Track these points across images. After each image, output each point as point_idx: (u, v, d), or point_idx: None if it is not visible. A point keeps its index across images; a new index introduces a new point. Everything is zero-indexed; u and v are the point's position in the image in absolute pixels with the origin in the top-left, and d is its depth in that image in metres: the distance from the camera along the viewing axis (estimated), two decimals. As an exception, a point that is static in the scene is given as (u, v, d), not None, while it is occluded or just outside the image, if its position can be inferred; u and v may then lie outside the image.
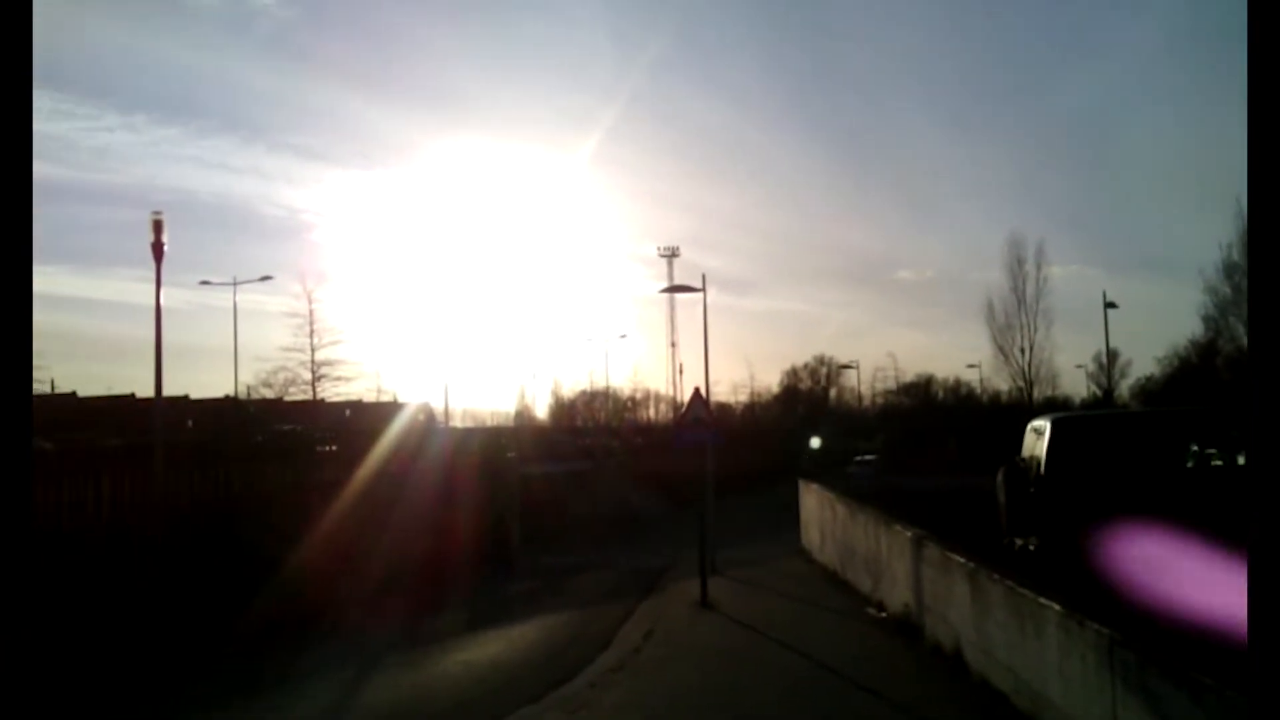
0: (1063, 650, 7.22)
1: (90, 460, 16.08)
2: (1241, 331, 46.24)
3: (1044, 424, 13.49)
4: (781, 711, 8.76)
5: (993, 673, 8.91)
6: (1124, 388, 61.54)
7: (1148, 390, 53.96)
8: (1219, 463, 13.45)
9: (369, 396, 41.38)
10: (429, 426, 45.87)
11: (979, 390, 65.96)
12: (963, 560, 9.96)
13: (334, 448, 25.10)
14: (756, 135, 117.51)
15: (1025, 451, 13.86)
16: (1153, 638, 6.22)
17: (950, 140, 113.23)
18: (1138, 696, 5.96)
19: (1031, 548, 12.77)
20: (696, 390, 15.80)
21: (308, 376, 26.87)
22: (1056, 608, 7.40)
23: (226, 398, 28.23)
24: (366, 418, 34.49)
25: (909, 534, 12.06)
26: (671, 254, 77.91)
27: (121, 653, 11.86)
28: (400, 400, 41.51)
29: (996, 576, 8.92)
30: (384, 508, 18.49)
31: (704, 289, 17.20)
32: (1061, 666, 7.23)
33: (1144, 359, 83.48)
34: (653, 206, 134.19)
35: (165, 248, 14.20)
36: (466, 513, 21.36)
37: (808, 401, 75.96)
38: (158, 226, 14.08)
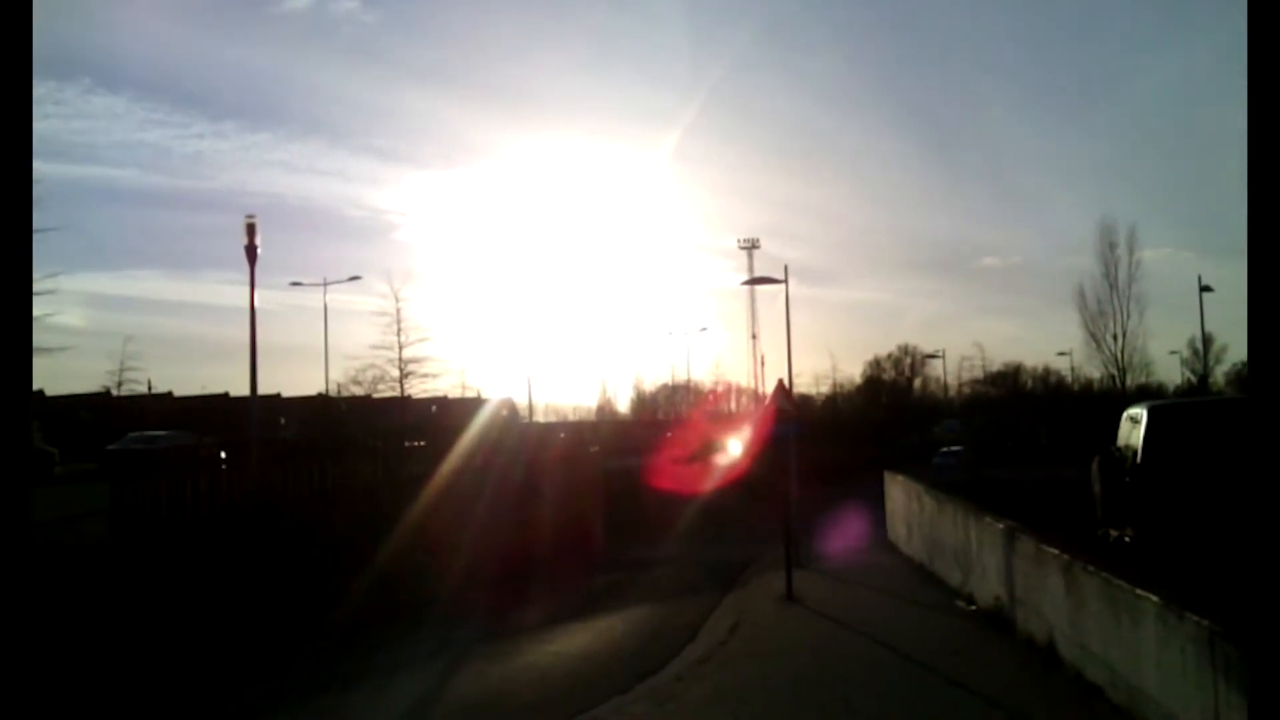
0: (1161, 643, 7.04)
1: (188, 457, 16.66)
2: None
3: (1140, 412, 13.12)
4: (873, 706, 8.68)
5: (1088, 666, 8.73)
6: (1218, 374, 59.58)
7: (1244, 376, 52.04)
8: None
9: (454, 393, 42.09)
10: (512, 421, 46.44)
11: (1069, 378, 64.34)
12: (1057, 552, 9.76)
13: (422, 443, 25.57)
14: (837, 126, 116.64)
15: (1121, 440, 13.50)
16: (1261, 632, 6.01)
17: (1036, 125, 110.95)
18: (1242, 694, 5.78)
19: (1127, 539, 12.45)
20: (780, 381, 15.72)
21: (395, 374, 27.45)
22: (1154, 599, 7.22)
23: (319, 396, 28.92)
24: (452, 414, 35.06)
25: (1001, 526, 11.85)
26: (752, 245, 77.48)
27: (218, 645, 12.25)
28: (484, 396, 42.04)
29: (1092, 568, 8.73)
30: (469, 501, 18.79)
31: (786, 280, 17.11)
32: (1160, 660, 7.05)
33: (1240, 344, 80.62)
34: (733, 200, 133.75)
35: (259, 250, 14.62)
36: (550, 506, 21.58)
37: (891, 392, 74.82)
38: (251, 230, 14.51)
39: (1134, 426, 13.00)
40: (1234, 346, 67.50)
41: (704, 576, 18.23)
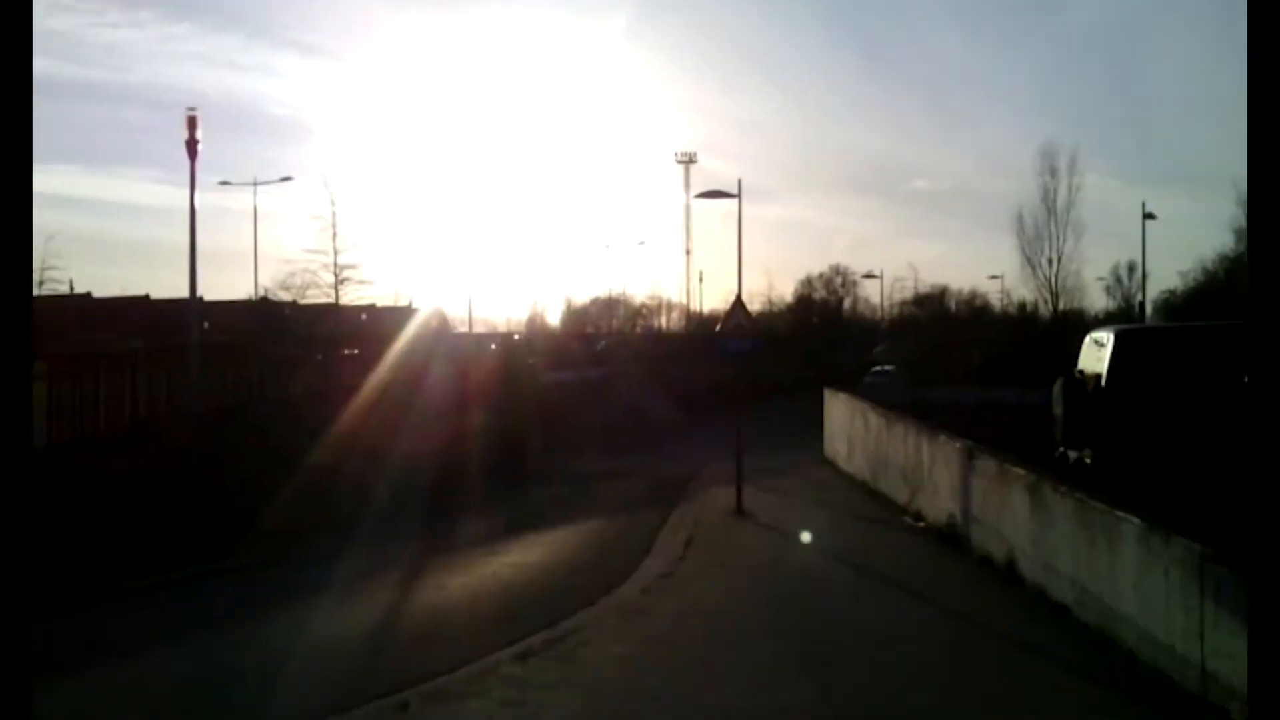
0: (1141, 565, 7.14)
1: (121, 360, 15.99)
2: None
3: (1106, 336, 13.28)
4: (841, 618, 8.74)
5: (1052, 585, 8.88)
6: (1145, 301, 61.27)
7: (1170, 305, 53.65)
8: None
9: (385, 302, 41.17)
10: (443, 331, 45.81)
11: (998, 302, 65.66)
12: (1023, 472, 9.86)
13: (355, 351, 25.10)
14: (771, 40, 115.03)
15: (1084, 364, 13.68)
16: (1248, 554, 6.10)
17: (974, 48, 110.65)
18: (1233, 614, 5.87)
19: (1087, 461, 12.68)
20: (738, 297, 15.56)
21: (329, 279, 26.62)
22: (1136, 522, 7.30)
23: (262, 299, 28.00)
24: (383, 322, 34.29)
25: (958, 445, 11.96)
26: (689, 160, 76.76)
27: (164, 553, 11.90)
28: (415, 306, 41.22)
29: (1064, 489, 8.82)
30: (406, 411, 18.51)
31: (739, 194, 16.82)
32: (1140, 582, 7.16)
33: (1167, 273, 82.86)
34: (669, 114, 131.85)
35: (199, 145, 13.86)
36: (487, 417, 21.35)
37: (822, 312, 75.53)
38: (192, 123, 13.75)
39: (1099, 349, 13.16)
40: (1161, 275, 69.41)
41: (650, 489, 18.28)
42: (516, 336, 51.16)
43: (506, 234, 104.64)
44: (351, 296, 28.06)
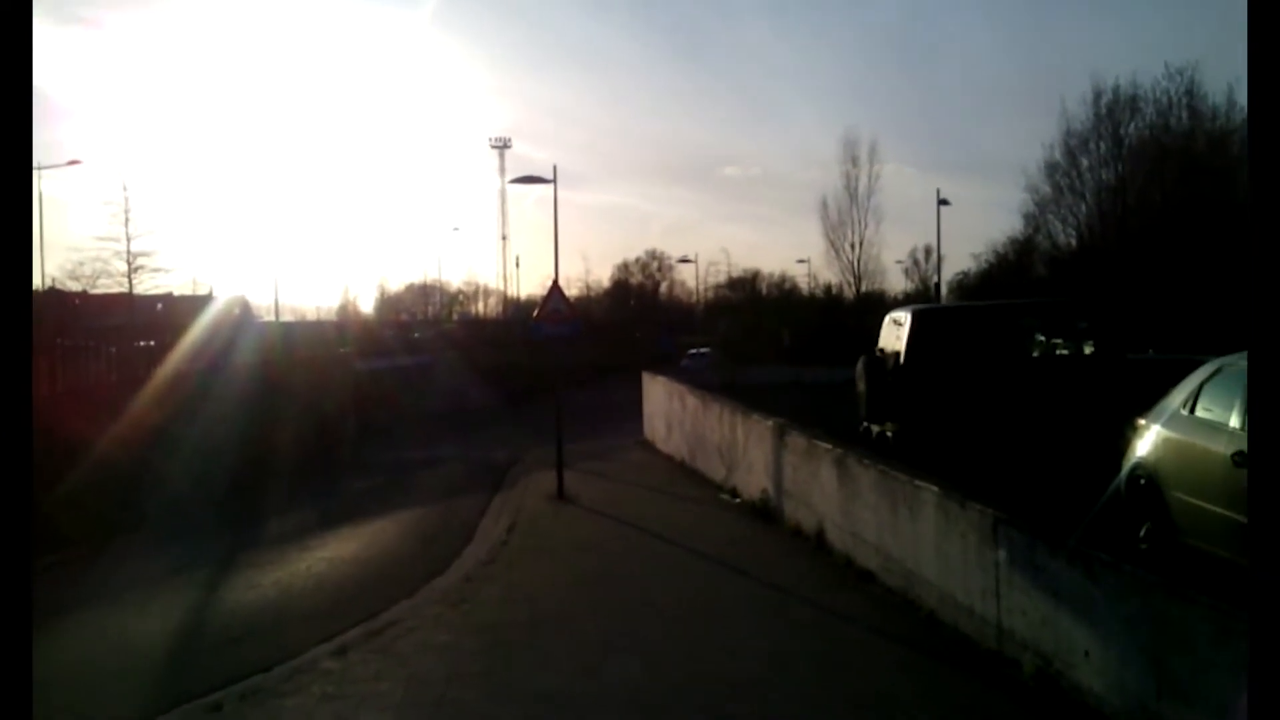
0: (940, 530, 7.56)
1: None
2: (1059, 228, 49.42)
3: (904, 315, 13.98)
4: (663, 596, 8.89)
5: (859, 553, 9.30)
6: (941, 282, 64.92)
7: (964, 285, 57.12)
8: (1064, 352, 14.36)
9: (185, 291, 39.03)
10: (246, 320, 43.88)
11: (806, 285, 68.24)
12: (830, 446, 10.27)
13: (152, 343, 23.65)
14: (586, 26, 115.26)
15: (884, 342, 14.35)
16: (1038, 518, 6.56)
17: (783, 39, 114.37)
18: (1025, 572, 6.31)
19: (889, 434, 13.32)
20: (555, 282, 15.57)
21: (122, 268, 24.93)
22: (934, 490, 7.73)
23: (49, 290, 26.00)
24: (181, 313, 32.64)
25: (770, 422, 12.35)
26: (504, 145, 76.42)
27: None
28: (215, 295, 39.47)
29: (868, 462, 9.25)
30: (209, 404, 17.61)
31: (555, 179, 16.82)
32: (940, 546, 7.58)
33: (961, 255, 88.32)
34: (482, 98, 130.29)
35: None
36: (297, 409, 20.60)
37: (639, 296, 76.53)
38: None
39: (897, 329, 13.85)
40: (956, 258, 73.76)
41: (470, 476, 18.10)
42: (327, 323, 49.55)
43: (316, 221, 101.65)
44: (147, 286, 26.56)
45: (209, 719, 6.35)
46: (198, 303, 37.48)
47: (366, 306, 72.50)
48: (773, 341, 41.38)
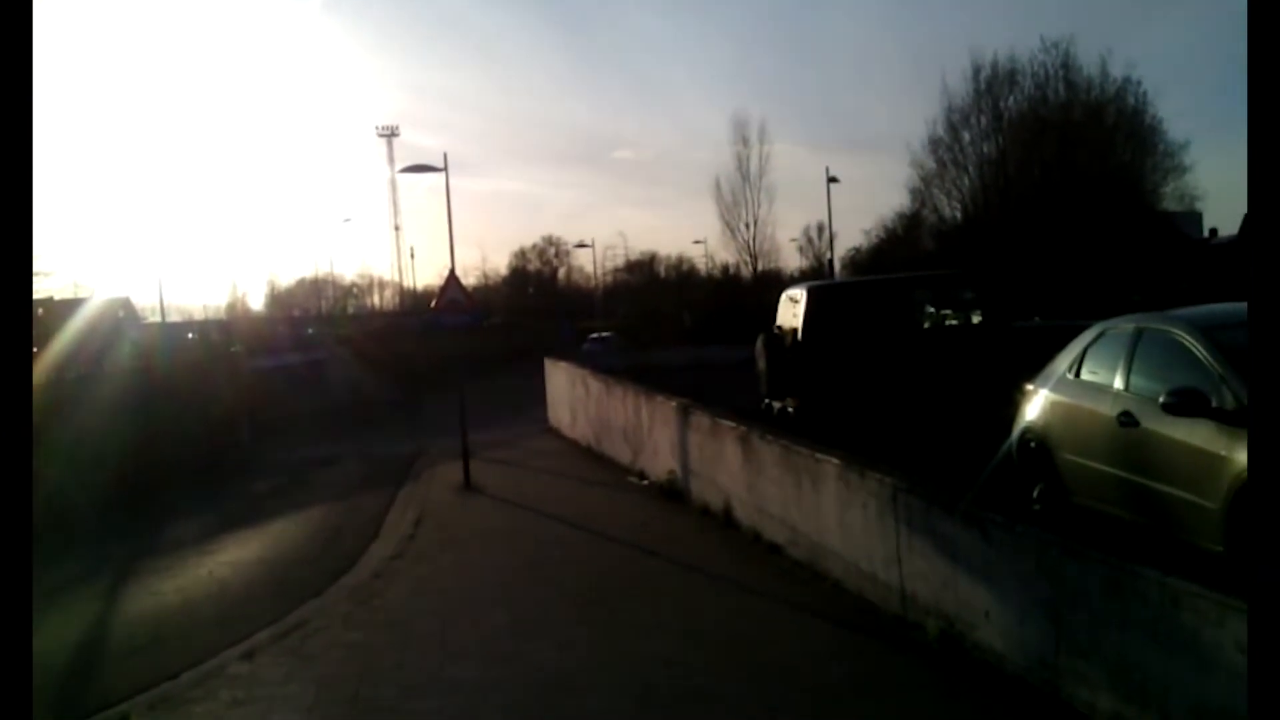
0: (842, 501, 7.76)
1: None
2: (944, 201, 50.71)
3: (800, 292, 14.23)
4: (575, 580, 8.92)
5: (766, 527, 9.47)
6: (834, 259, 66.40)
7: (856, 261, 58.37)
8: (954, 322, 14.81)
9: (66, 295, 37.40)
10: (129, 322, 42.35)
11: (704, 266, 68.85)
12: (733, 424, 10.42)
13: (35, 349, 22.75)
14: (475, 11, 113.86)
15: (781, 320, 14.58)
16: (934, 484, 6.77)
17: (670, 21, 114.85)
18: (924, 538, 6.51)
19: (790, 410, 13.55)
20: (452, 272, 15.40)
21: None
22: (835, 462, 7.92)
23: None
24: (60, 317, 31.30)
25: (674, 403, 12.46)
26: (391, 133, 75.11)
27: None
28: (97, 298, 38.01)
29: (770, 438, 9.42)
30: (92, 410, 16.98)
31: (446, 168, 16.60)
32: (842, 516, 7.77)
33: (852, 232, 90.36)
34: (368, 86, 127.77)
35: None
36: (183, 412, 20.02)
37: (538, 282, 76.23)
38: None
39: (794, 306, 14.08)
40: (847, 234, 75.36)
41: (372, 472, 17.82)
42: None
43: (202, 217, 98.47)
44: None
45: (116, 730, 6.17)
46: (79, 306, 36.05)
47: (257, 303, 70.74)
48: (673, 323, 41.70)
